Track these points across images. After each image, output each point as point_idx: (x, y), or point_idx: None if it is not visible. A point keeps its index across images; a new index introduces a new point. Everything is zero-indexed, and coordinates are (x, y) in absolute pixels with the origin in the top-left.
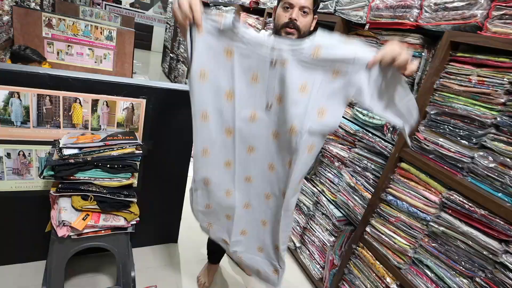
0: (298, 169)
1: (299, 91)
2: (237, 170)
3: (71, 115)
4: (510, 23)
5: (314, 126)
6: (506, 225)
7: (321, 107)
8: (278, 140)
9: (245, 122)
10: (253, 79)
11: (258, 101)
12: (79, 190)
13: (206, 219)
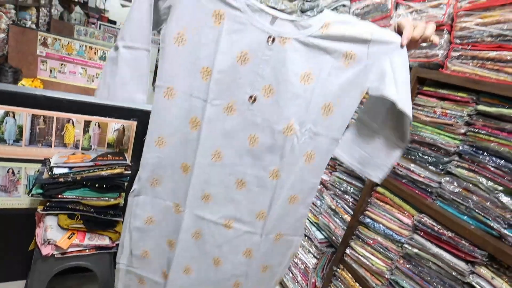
0: (289, 183)
1: (301, 81)
2: (194, 180)
3: (63, 135)
4: (466, 63)
5: (317, 127)
6: (471, 247)
7: (329, 102)
8: (256, 147)
9: (217, 115)
10: (240, 59)
11: (241, 90)
12: (66, 208)
13: (142, 244)
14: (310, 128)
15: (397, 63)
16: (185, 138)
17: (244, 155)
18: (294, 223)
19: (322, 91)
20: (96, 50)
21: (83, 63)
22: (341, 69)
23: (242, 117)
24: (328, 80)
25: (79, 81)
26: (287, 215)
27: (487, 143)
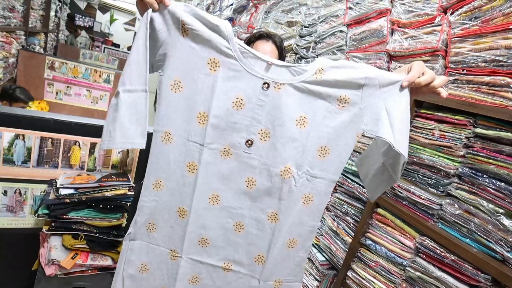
0: (287, 226)
1: (296, 125)
2: (190, 226)
3: (69, 157)
4: (462, 87)
5: (314, 169)
6: (474, 270)
7: (324, 145)
8: (254, 190)
9: (214, 158)
10: (236, 105)
11: (236, 135)
12: (71, 229)
13: None
14: (307, 170)
15: (393, 105)
16: (182, 182)
17: (242, 198)
18: (293, 268)
19: (317, 134)
20: (100, 73)
21: (88, 86)
22: (336, 112)
23: (239, 160)
24: (323, 123)
25: (83, 102)
26: (286, 260)
27: (486, 165)
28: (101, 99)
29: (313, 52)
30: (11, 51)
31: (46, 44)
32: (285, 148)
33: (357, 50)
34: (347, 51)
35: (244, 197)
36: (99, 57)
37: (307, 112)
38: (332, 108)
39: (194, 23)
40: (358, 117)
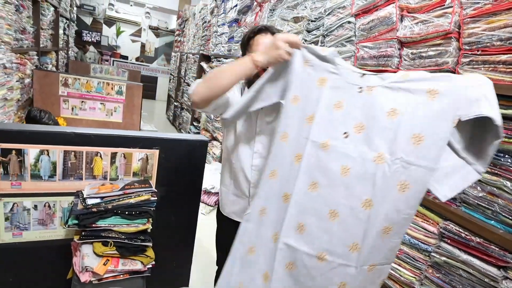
0: (382, 213)
1: (388, 116)
2: (290, 209)
3: (92, 168)
4: (477, 68)
5: (409, 156)
6: (502, 251)
7: (418, 132)
8: (348, 177)
9: (315, 149)
10: (336, 106)
11: (335, 128)
12: (101, 236)
13: (240, 277)
14: (401, 157)
15: (485, 91)
16: (289, 170)
17: (337, 186)
18: (387, 252)
19: (410, 123)
20: (113, 85)
21: (101, 99)
22: (427, 103)
23: (336, 151)
24: (414, 113)
25: (98, 116)
26: (380, 246)
27: (508, 145)
28: (115, 111)
29: (321, 45)
30: (26, 71)
31: (57, 62)
32: (378, 137)
33: (366, 40)
34: (357, 41)
35: (340, 185)
36: (109, 71)
37: (398, 105)
38: (422, 99)
39: (310, 57)
40: (452, 104)
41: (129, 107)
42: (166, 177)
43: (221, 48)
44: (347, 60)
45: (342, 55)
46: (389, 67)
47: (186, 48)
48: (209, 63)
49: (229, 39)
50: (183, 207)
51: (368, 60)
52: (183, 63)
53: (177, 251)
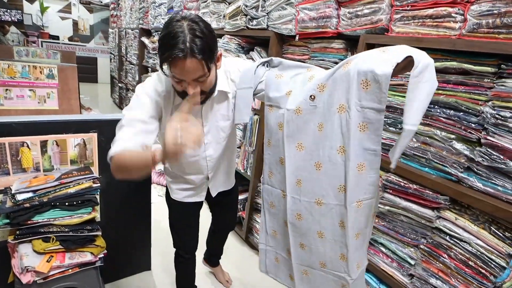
0: (353, 154)
1: (342, 68)
2: (287, 169)
3: (20, 160)
4: (408, 23)
5: (362, 101)
6: (435, 194)
7: (364, 78)
8: (323, 132)
9: (291, 116)
10: (309, 79)
11: (304, 94)
12: (39, 233)
13: (271, 224)
14: (355, 102)
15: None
16: (277, 138)
17: (317, 141)
18: (368, 187)
19: (357, 70)
20: (41, 68)
21: (30, 85)
22: (370, 53)
23: (308, 112)
24: (360, 61)
25: (29, 104)
26: (360, 183)
27: (437, 96)
28: (49, 97)
29: (262, 10)
30: None
31: None
32: (336, 90)
33: (305, 2)
34: (296, 4)
35: (318, 140)
36: (37, 53)
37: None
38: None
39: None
40: (390, 54)
41: (65, 91)
42: None
43: (161, 20)
44: (289, 24)
45: (283, 18)
46: (328, 28)
47: (124, 23)
48: (150, 37)
49: (168, 9)
50: (134, 191)
51: (308, 23)
52: (123, 39)
53: (134, 236)
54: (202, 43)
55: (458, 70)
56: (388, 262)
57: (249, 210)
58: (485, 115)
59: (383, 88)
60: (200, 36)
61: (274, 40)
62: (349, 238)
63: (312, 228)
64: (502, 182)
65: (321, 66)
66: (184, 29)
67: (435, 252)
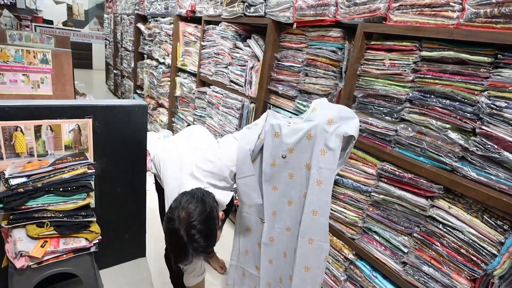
0: (310, 200)
1: (307, 139)
2: (265, 204)
3: (13, 145)
4: (406, 12)
5: (320, 163)
6: (429, 183)
7: (323, 148)
8: (293, 179)
9: (268, 167)
10: (275, 135)
11: (277, 153)
12: (33, 218)
13: (245, 244)
14: (316, 163)
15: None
16: (257, 181)
17: (288, 185)
18: (319, 230)
19: (318, 142)
20: (35, 53)
21: (23, 69)
22: (326, 128)
23: (281, 165)
24: (319, 136)
25: (22, 89)
26: (312, 223)
27: (433, 86)
28: (43, 82)
29: None
30: None
31: None
32: (303, 153)
33: None
34: None
35: (289, 184)
36: (30, 37)
37: (311, 130)
38: (324, 126)
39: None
40: (340, 128)
41: (59, 77)
42: (105, 147)
43: (157, 6)
44: (286, 12)
45: (281, 6)
46: (326, 16)
47: (120, 9)
48: (146, 24)
49: None
50: (129, 177)
51: (306, 10)
52: (118, 25)
53: (129, 223)
54: (205, 246)
55: (455, 59)
56: (382, 250)
57: None
58: (481, 105)
59: (336, 154)
60: (200, 242)
61: (271, 27)
62: (296, 266)
63: (280, 249)
64: (496, 171)
65: (318, 54)
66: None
67: (428, 240)
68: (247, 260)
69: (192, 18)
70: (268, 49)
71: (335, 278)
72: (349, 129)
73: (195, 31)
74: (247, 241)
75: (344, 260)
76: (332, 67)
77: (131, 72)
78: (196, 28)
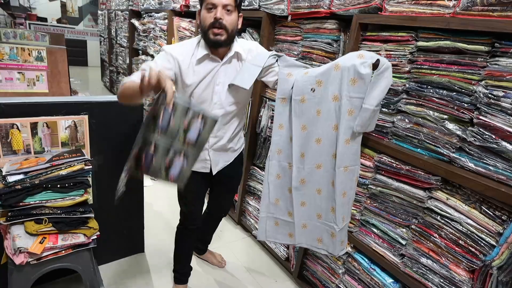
0: (343, 131)
1: (334, 70)
2: (294, 146)
3: (10, 142)
4: (402, 2)
5: (350, 93)
6: (426, 175)
7: (353, 76)
8: (321, 115)
9: (297, 104)
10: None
11: (306, 87)
12: (31, 215)
13: (275, 193)
14: (345, 94)
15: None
16: (289, 121)
17: (315, 123)
18: (351, 156)
19: (347, 72)
20: (29, 50)
21: (18, 67)
22: (353, 56)
23: (310, 101)
24: (348, 64)
25: (18, 87)
26: (346, 152)
27: (430, 76)
28: (38, 80)
29: None
30: None
31: None
32: (331, 85)
33: None
34: None
35: (317, 121)
36: (25, 35)
37: (340, 61)
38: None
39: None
40: (368, 57)
41: (54, 74)
42: (101, 144)
43: (151, 1)
44: (281, 4)
45: None
46: (321, 8)
47: (114, 5)
48: (140, 19)
49: None
50: None
51: (301, 2)
52: (112, 22)
53: (127, 218)
54: None
55: (452, 49)
56: (380, 243)
57: (241, 193)
58: (478, 94)
59: (366, 83)
60: None
61: (266, 21)
62: (337, 195)
63: (312, 188)
64: (494, 161)
65: (313, 47)
66: None
67: (426, 232)
68: (278, 208)
69: (186, 12)
70: (263, 43)
71: (333, 271)
72: (376, 57)
73: (189, 25)
74: (277, 189)
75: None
76: (328, 59)
77: (126, 68)
78: (191, 22)
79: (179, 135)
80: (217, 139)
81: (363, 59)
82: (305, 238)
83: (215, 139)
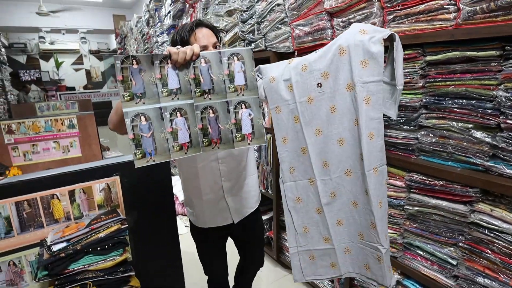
0: (364, 124)
1: (340, 55)
2: (312, 155)
3: (51, 212)
4: (402, 22)
5: (363, 78)
6: (463, 188)
7: (363, 58)
8: (337, 112)
9: (304, 106)
10: (302, 69)
11: (310, 84)
12: (77, 280)
13: (301, 221)
14: (358, 80)
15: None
16: (295, 131)
17: (331, 122)
18: (378, 154)
19: (355, 52)
20: (62, 120)
21: (53, 137)
22: (359, 36)
23: (319, 99)
24: (355, 46)
25: (54, 155)
26: (372, 149)
27: (445, 88)
28: (72, 146)
29: (258, 33)
30: None
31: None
32: (340, 72)
33: (298, 18)
34: (290, 22)
35: (333, 120)
36: (56, 106)
37: (343, 43)
38: (355, 34)
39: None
40: (375, 32)
41: (85, 138)
42: (134, 201)
43: None
44: (286, 42)
45: (280, 37)
46: (324, 40)
47: None
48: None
49: None
50: (160, 225)
51: (304, 38)
52: None
53: (166, 270)
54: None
55: (462, 58)
56: (428, 265)
57: (276, 229)
58: (500, 99)
59: (380, 62)
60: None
61: (273, 59)
62: (373, 206)
63: (346, 200)
64: None
65: None
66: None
67: (477, 249)
68: (309, 238)
69: None
70: None
71: None
72: (387, 33)
73: None
74: (301, 215)
75: None
76: None
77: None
78: None
79: (226, 86)
80: (229, 184)
81: (368, 34)
82: (351, 265)
83: (226, 182)
